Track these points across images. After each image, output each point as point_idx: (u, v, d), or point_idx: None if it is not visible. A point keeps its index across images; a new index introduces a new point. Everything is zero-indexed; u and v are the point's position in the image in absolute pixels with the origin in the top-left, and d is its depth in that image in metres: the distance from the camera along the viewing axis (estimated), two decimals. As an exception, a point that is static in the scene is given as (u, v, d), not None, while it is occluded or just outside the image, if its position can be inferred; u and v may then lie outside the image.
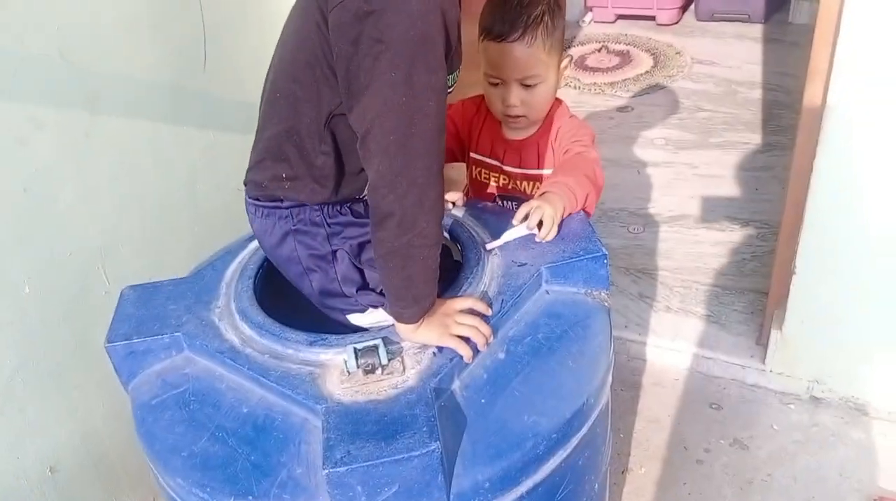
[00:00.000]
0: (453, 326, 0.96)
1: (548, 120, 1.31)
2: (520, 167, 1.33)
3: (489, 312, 1.00)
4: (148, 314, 1.07)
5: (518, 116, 1.26)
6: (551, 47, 1.20)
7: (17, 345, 1.24)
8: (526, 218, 1.12)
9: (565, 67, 1.27)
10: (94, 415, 1.41)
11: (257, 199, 1.03)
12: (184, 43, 1.49)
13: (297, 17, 0.94)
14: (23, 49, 1.17)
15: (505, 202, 1.38)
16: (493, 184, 1.38)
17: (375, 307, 1.05)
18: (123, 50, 1.36)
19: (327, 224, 1.01)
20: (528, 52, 1.18)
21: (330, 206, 1.01)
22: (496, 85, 1.24)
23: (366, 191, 0.90)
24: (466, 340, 0.95)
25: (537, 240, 1.13)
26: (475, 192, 1.42)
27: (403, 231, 0.88)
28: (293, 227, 1.01)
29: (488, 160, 1.37)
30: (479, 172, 1.39)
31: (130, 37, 1.37)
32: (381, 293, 1.02)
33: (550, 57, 1.21)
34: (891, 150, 1.37)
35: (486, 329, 0.97)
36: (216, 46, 1.57)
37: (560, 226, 1.14)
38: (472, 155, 1.39)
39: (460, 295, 1.02)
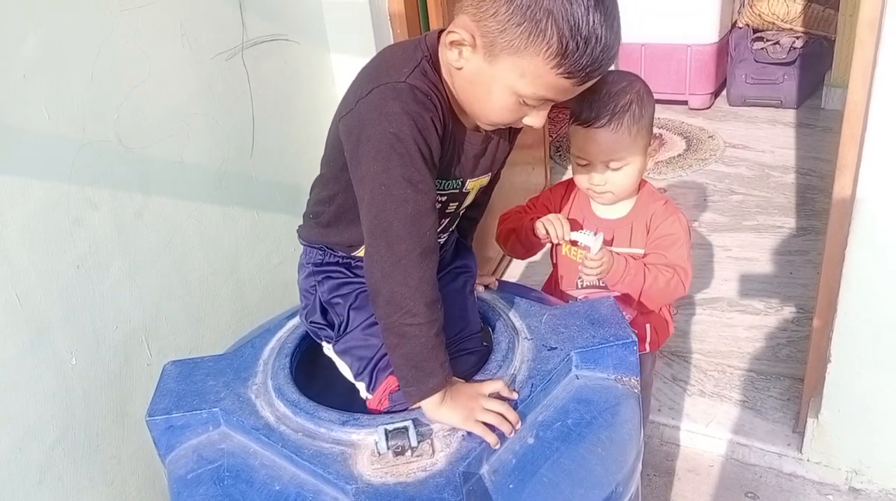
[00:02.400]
0: (479, 411, 0.97)
1: (640, 201, 1.38)
2: (611, 245, 1.38)
3: (516, 396, 1.02)
4: (188, 389, 1.10)
5: (604, 192, 1.33)
6: (637, 133, 1.27)
7: (61, 415, 1.28)
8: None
9: (653, 150, 1.34)
10: (129, 485, 1.43)
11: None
12: (233, 130, 1.58)
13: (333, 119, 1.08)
14: (83, 136, 1.25)
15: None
16: (579, 260, 1.41)
17: (328, 342, 1.17)
18: (177, 136, 1.44)
19: (314, 264, 1.16)
20: (613, 137, 1.26)
21: (323, 251, 1.15)
22: (584, 165, 1.32)
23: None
24: (493, 427, 0.97)
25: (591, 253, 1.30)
26: (563, 270, 1.47)
27: (393, 309, 0.96)
28: (304, 261, 1.19)
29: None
30: (569, 249, 1.41)
31: (184, 124, 1.46)
32: (338, 332, 1.15)
33: (636, 142, 1.27)
34: (923, 240, 1.38)
35: (512, 416, 0.99)
36: (264, 134, 1.65)
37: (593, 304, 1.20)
38: None
39: (489, 379, 1.04)
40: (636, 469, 1.05)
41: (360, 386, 1.12)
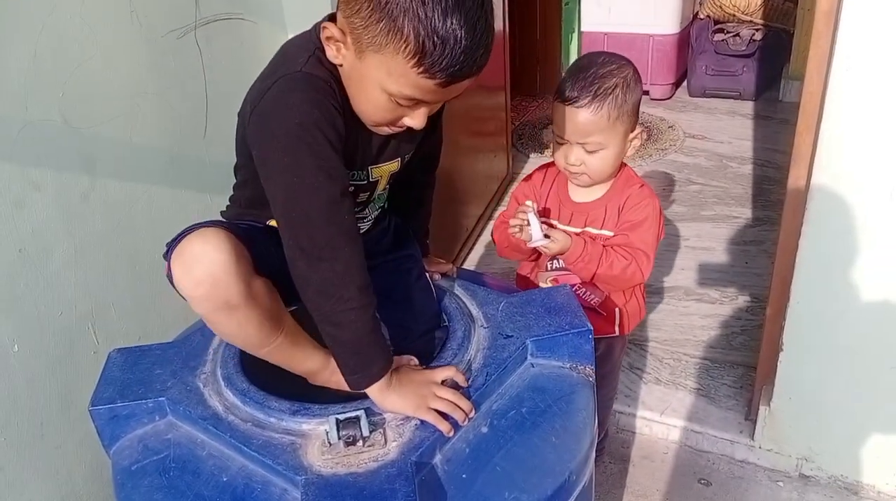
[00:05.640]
0: (431, 398, 0.96)
1: (617, 184, 1.38)
2: (583, 226, 1.39)
3: (466, 385, 1.01)
4: (133, 378, 1.07)
5: (580, 174, 1.33)
6: (617, 118, 1.27)
7: (3, 404, 1.23)
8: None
9: (635, 137, 1.33)
10: (75, 476, 1.39)
11: None
12: (186, 111, 1.54)
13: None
14: (25, 114, 1.20)
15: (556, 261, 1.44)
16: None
17: None
18: (125, 116, 1.40)
19: None
20: (592, 119, 1.26)
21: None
22: (561, 143, 1.32)
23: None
24: (445, 415, 0.96)
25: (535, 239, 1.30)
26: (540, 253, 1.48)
27: (325, 298, 0.94)
28: None
29: (553, 222, 1.43)
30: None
31: (133, 104, 1.41)
32: None
33: (615, 127, 1.27)
34: (875, 231, 1.40)
35: (465, 403, 0.98)
36: (218, 116, 1.61)
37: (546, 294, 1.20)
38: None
39: (441, 366, 1.03)
40: (589, 458, 1.05)
41: None
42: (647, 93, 3.96)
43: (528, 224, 1.30)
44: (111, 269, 1.41)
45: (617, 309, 1.46)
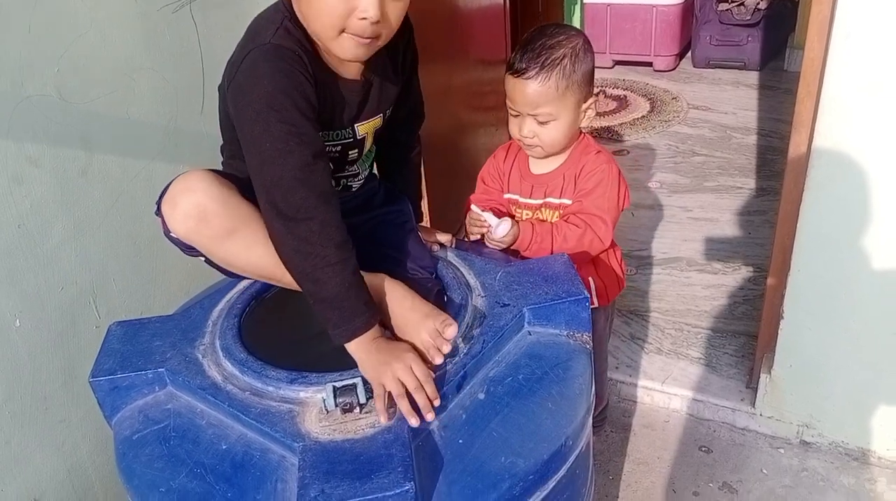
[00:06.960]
0: (388, 377, 0.93)
1: (574, 153, 1.39)
2: (544, 197, 1.40)
3: (436, 395, 0.95)
4: (133, 350, 1.08)
5: (533, 145, 1.35)
6: (566, 89, 1.27)
7: (6, 378, 1.25)
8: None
9: (588, 107, 1.34)
10: (80, 449, 1.41)
11: None
12: (182, 86, 1.53)
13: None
14: (21, 90, 1.20)
15: None
16: (524, 217, 1.45)
17: None
18: (121, 91, 1.40)
19: None
20: (540, 90, 1.27)
21: None
22: (514, 116, 1.34)
23: None
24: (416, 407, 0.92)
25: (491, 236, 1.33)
26: None
27: (303, 257, 0.97)
28: None
29: (515, 197, 1.46)
30: (514, 209, 1.47)
31: (129, 78, 1.41)
32: None
33: (564, 97, 1.28)
34: (876, 198, 1.39)
35: (422, 400, 0.92)
36: (214, 89, 1.59)
37: (541, 265, 1.20)
38: (506, 195, 1.48)
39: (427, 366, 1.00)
40: (586, 424, 1.06)
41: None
42: (650, 64, 3.93)
43: (488, 225, 1.33)
44: (111, 244, 1.42)
45: (591, 280, 1.46)
